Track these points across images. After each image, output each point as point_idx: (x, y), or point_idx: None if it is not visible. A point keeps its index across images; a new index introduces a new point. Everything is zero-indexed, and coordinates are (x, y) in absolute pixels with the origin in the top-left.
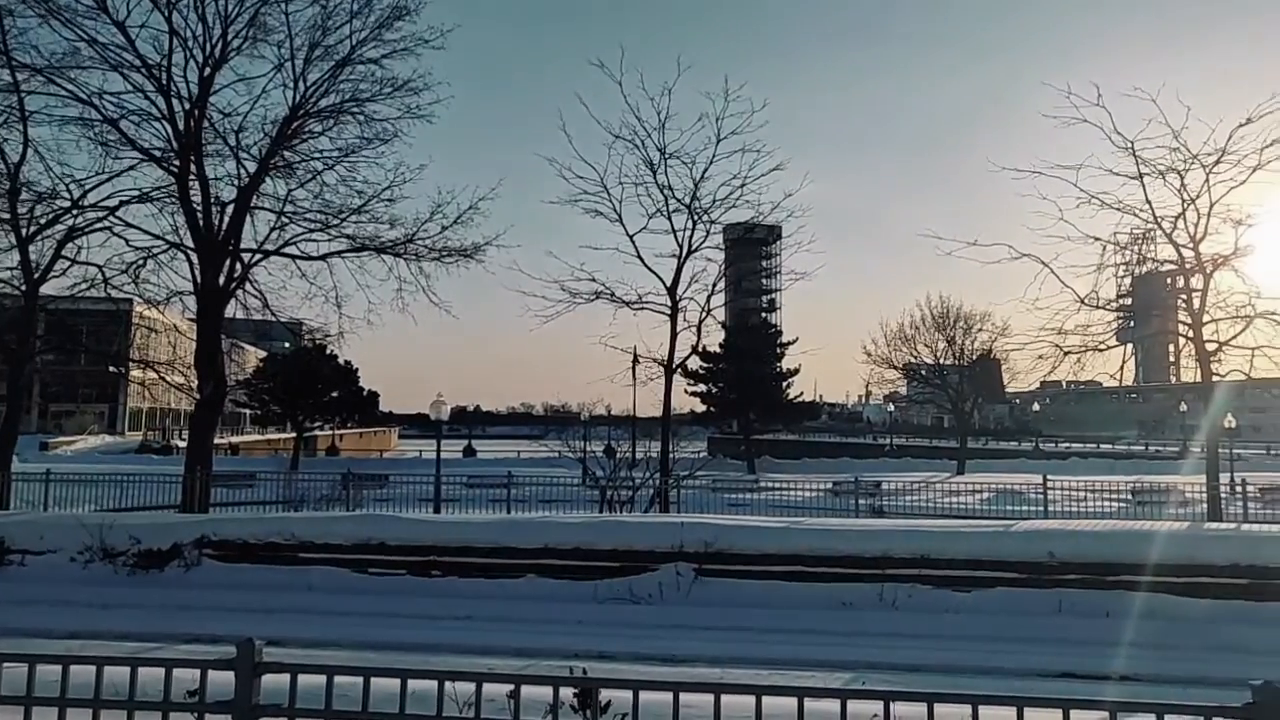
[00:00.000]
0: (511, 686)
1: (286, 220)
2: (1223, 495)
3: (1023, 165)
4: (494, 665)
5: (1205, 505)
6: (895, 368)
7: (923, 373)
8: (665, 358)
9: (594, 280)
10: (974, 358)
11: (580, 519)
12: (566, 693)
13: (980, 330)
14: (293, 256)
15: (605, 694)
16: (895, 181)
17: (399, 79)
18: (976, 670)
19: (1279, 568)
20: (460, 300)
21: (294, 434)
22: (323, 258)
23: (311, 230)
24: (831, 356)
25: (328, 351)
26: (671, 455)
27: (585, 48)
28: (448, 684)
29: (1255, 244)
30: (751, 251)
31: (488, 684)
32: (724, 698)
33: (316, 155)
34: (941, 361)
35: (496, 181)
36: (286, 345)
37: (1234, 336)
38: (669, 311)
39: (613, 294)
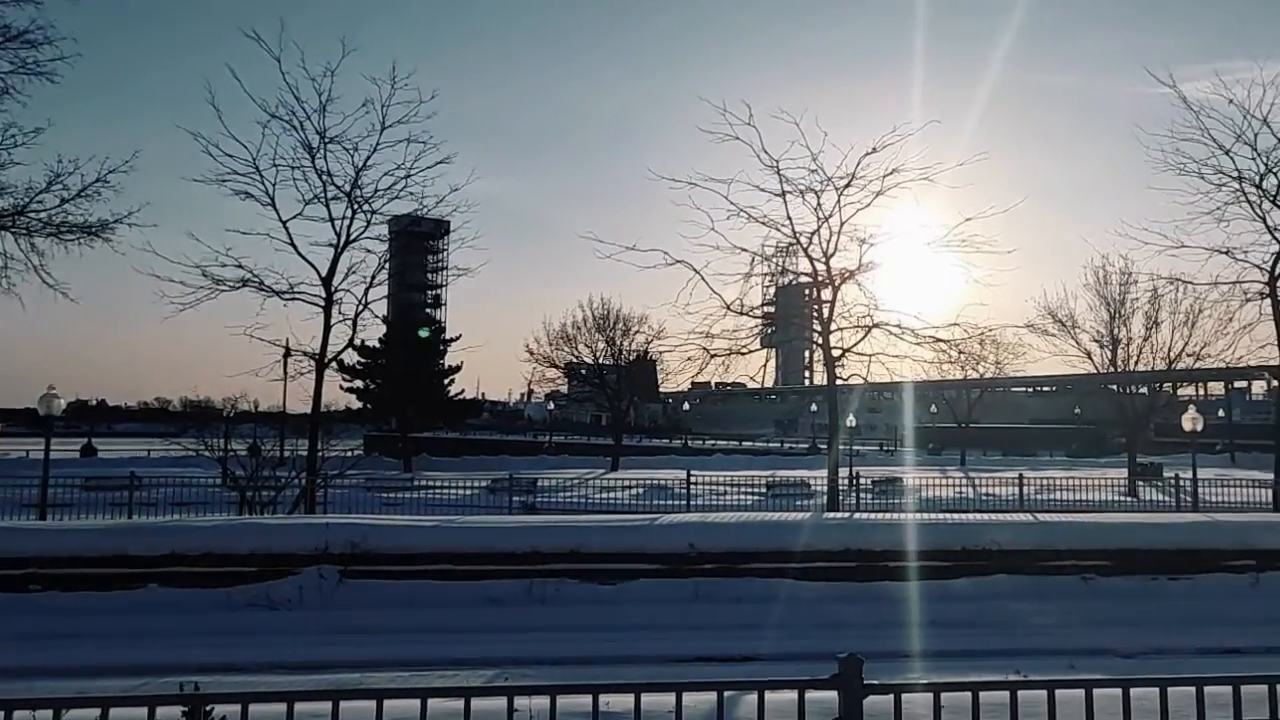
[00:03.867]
0: (99, 711)
1: None
2: (841, 487)
3: (680, 175)
4: (86, 689)
5: (826, 496)
6: (557, 367)
7: (583, 372)
8: (317, 351)
9: (241, 267)
10: (631, 358)
11: (213, 521)
12: (175, 711)
13: (638, 332)
14: None
15: (221, 709)
16: (561, 183)
17: (13, 28)
18: (618, 659)
19: (882, 550)
20: (83, 283)
21: None
22: None
23: None
24: (496, 354)
25: None
26: (321, 453)
27: (239, 17)
28: (18, 713)
29: (876, 261)
30: (418, 245)
31: (73, 710)
32: (344, 704)
33: None
34: (601, 361)
35: (131, 153)
36: None
37: (855, 343)
38: (323, 303)
39: (261, 282)
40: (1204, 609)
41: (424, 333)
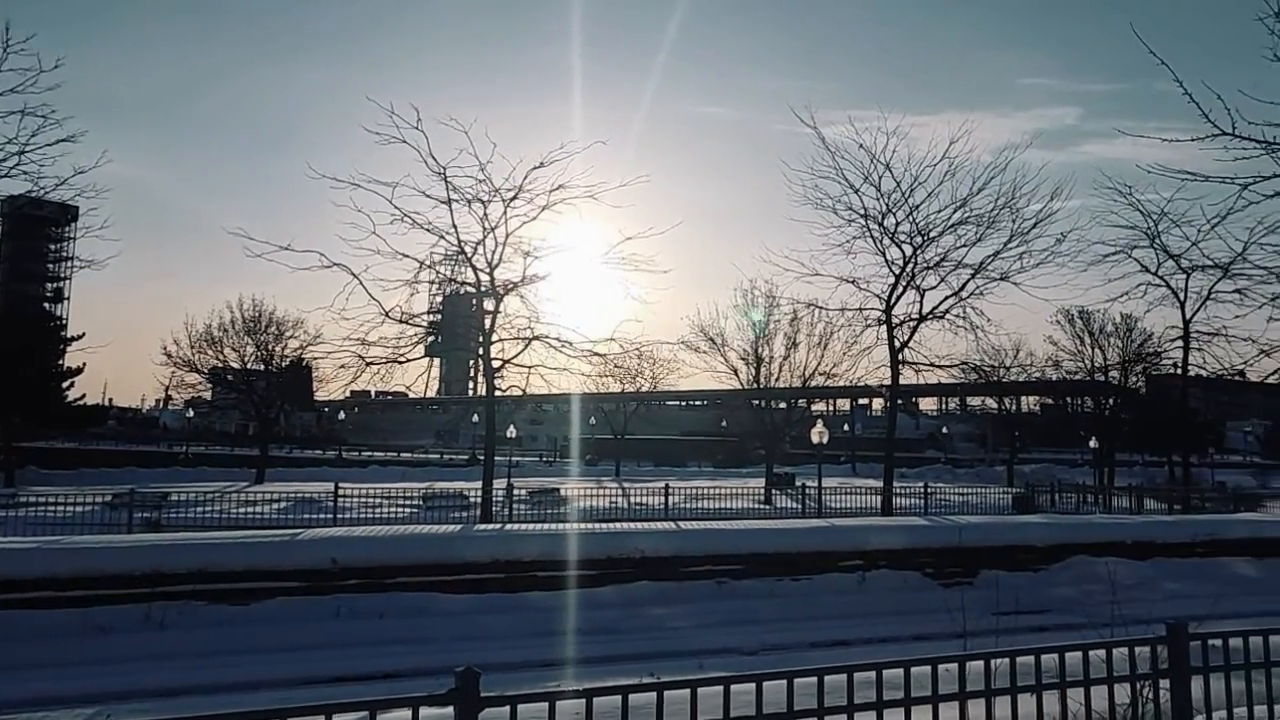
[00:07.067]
0: None
1: None
2: (498, 499)
3: (341, 175)
4: None
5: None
6: (199, 371)
7: (229, 377)
8: None
9: None
10: (284, 364)
11: None
12: None
13: (292, 337)
14: None
15: None
16: (221, 175)
17: None
18: (246, 685)
19: (531, 560)
20: None
21: None
22: None
23: None
24: (132, 357)
25: None
26: None
27: None
28: None
29: (540, 274)
30: (37, 231)
31: None
32: None
33: None
34: (249, 366)
35: None
36: None
37: (516, 355)
38: None
39: None
40: (821, 605)
41: None
